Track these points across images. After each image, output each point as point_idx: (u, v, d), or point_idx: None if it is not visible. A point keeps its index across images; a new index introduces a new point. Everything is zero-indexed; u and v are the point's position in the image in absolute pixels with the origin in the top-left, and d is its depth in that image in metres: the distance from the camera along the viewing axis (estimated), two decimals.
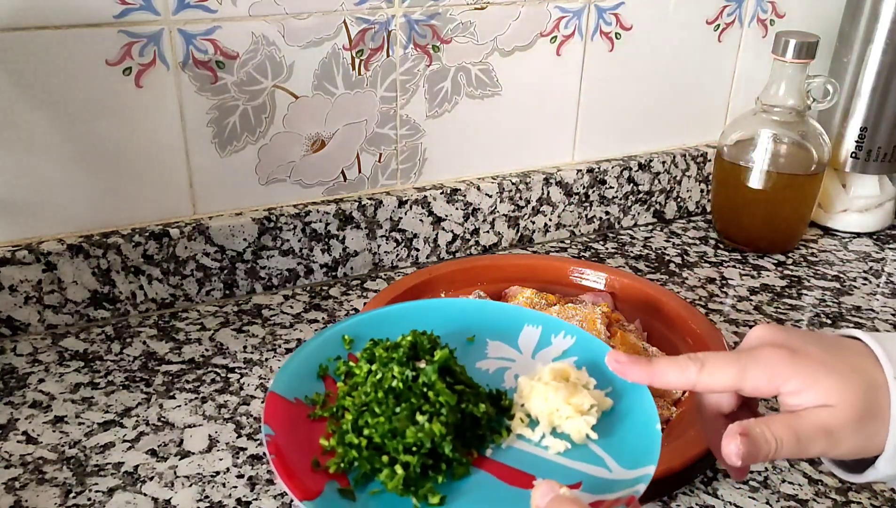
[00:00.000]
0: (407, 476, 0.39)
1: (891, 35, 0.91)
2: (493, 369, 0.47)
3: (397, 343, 0.44)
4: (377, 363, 0.43)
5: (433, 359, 0.43)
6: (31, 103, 0.69)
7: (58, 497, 0.56)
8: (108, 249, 0.74)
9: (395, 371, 0.42)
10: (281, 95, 0.77)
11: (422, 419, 0.40)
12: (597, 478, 0.40)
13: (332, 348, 0.46)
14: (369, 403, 0.41)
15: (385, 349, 0.44)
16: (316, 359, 0.45)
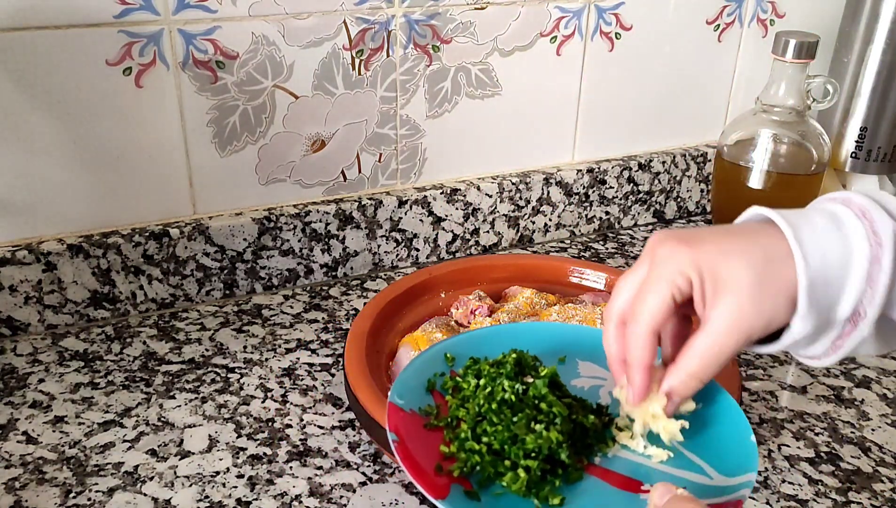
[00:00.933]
0: (529, 479, 0.43)
1: (891, 35, 0.91)
2: (588, 386, 0.50)
3: (501, 361, 0.48)
4: (485, 378, 0.47)
5: (539, 375, 0.47)
6: (32, 103, 0.69)
7: (58, 497, 0.56)
8: (108, 249, 0.74)
9: (505, 385, 0.46)
10: (281, 95, 0.77)
11: (539, 428, 0.44)
12: (699, 484, 0.44)
13: (436, 364, 0.50)
14: (485, 413, 0.45)
15: (490, 366, 0.48)
16: (423, 374, 0.49)
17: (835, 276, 0.41)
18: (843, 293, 0.41)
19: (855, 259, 0.41)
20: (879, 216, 0.41)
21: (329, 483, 0.58)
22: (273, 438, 0.63)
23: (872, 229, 0.41)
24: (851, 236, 0.41)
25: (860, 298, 0.41)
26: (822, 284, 0.41)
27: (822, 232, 0.42)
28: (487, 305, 0.71)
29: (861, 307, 0.41)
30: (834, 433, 0.65)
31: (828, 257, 0.41)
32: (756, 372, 0.72)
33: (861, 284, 0.41)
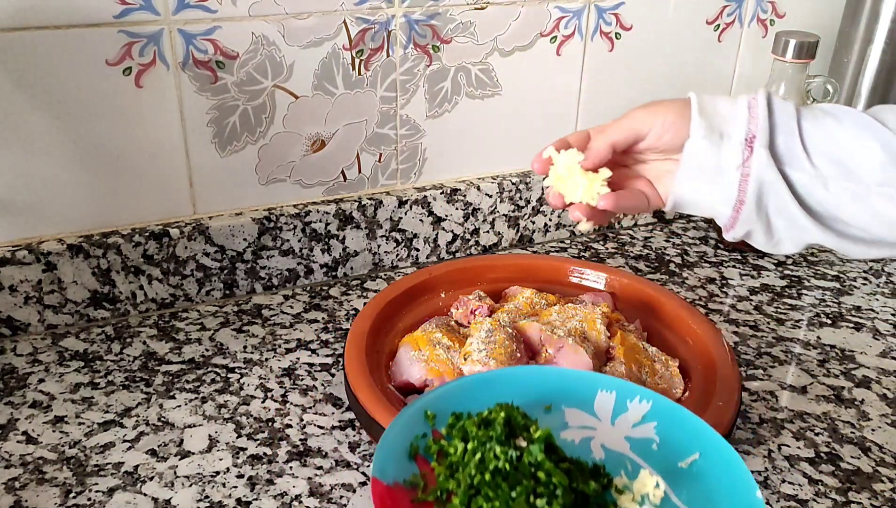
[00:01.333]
0: None
1: (891, 35, 0.91)
2: (579, 439, 0.47)
3: (489, 419, 0.44)
4: (473, 441, 0.43)
5: (531, 435, 0.43)
6: (32, 103, 0.69)
7: (58, 497, 0.56)
8: (108, 249, 0.74)
9: (497, 451, 0.42)
10: (281, 95, 0.77)
11: (540, 503, 0.40)
12: None
13: (416, 425, 0.46)
14: (478, 486, 0.41)
15: (477, 426, 0.44)
16: (404, 438, 0.45)
17: (722, 107, 0.53)
18: (732, 118, 0.53)
19: (738, 102, 0.53)
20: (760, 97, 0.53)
21: (329, 483, 0.58)
22: (273, 438, 0.63)
23: (753, 99, 0.53)
24: (738, 98, 0.54)
25: (747, 124, 0.52)
26: (710, 106, 0.53)
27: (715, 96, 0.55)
28: (487, 305, 0.71)
29: (749, 132, 0.52)
30: (834, 433, 0.65)
31: (716, 98, 0.54)
32: (756, 372, 0.72)
33: (744, 112, 0.52)
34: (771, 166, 0.52)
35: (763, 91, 0.53)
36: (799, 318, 0.81)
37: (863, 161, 0.51)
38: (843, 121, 0.52)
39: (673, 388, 0.64)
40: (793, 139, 0.52)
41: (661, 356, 0.67)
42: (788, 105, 0.53)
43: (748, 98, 0.53)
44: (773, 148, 0.52)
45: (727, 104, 0.54)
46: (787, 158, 0.52)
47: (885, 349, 0.77)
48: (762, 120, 0.52)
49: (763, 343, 0.77)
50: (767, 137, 0.52)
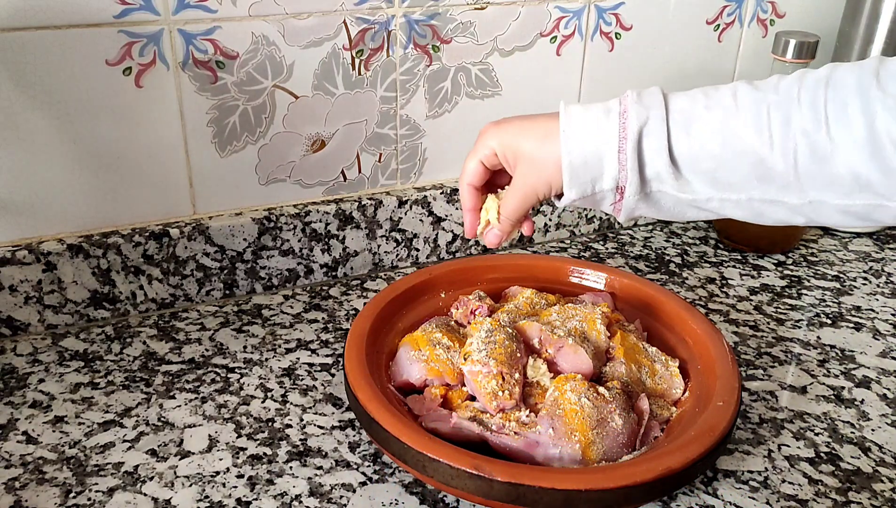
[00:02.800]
0: None
1: (891, 35, 0.91)
2: None
3: None
4: None
5: None
6: (31, 103, 0.69)
7: (58, 497, 0.56)
8: (108, 249, 0.74)
9: None
10: (281, 95, 0.77)
11: None
12: None
13: None
14: None
15: None
16: None
17: (592, 159, 0.53)
18: (603, 172, 0.53)
19: (607, 147, 0.53)
20: (632, 115, 0.52)
21: (329, 483, 0.58)
22: (273, 438, 0.63)
23: (623, 126, 0.52)
24: (607, 128, 0.53)
25: (617, 176, 0.53)
26: (580, 165, 0.53)
27: (588, 124, 0.53)
28: (487, 305, 0.71)
29: (621, 183, 0.53)
30: (834, 433, 0.65)
31: (585, 143, 0.53)
32: (756, 372, 0.72)
33: (614, 166, 0.53)
34: (640, 205, 0.54)
35: (635, 119, 0.52)
36: (799, 318, 0.81)
37: (737, 177, 0.51)
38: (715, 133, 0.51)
39: (673, 388, 0.64)
40: (664, 170, 0.52)
41: (661, 356, 0.67)
42: (659, 131, 0.52)
43: (618, 143, 0.52)
44: (644, 178, 0.53)
45: (595, 152, 0.53)
46: (659, 183, 0.53)
47: (885, 349, 0.77)
48: (632, 170, 0.52)
49: (763, 343, 0.77)
50: (638, 182, 0.53)
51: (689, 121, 0.52)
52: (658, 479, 0.52)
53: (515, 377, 0.60)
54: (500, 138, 0.58)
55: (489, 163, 0.59)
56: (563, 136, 0.54)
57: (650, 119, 0.52)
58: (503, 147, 0.58)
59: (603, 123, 0.53)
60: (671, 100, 0.53)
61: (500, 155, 0.58)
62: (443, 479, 0.53)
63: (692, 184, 0.52)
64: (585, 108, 0.54)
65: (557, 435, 0.56)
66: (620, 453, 0.57)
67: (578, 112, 0.54)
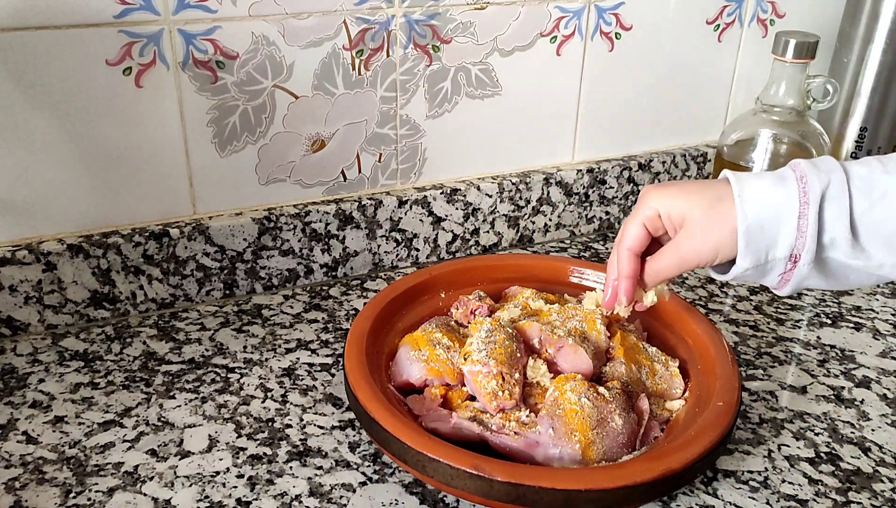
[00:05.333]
0: None
1: (891, 35, 0.91)
2: None
3: None
4: None
5: None
6: (31, 103, 0.69)
7: (58, 497, 0.56)
8: (108, 249, 0.74)
9: None
10: (281, 95, 0.77)
11: None
12: None
13: None
14: None
15: None
16: None
17: (769, 225, 0.51)
18: (779, 239, 0.51)
19: (787, 212, 0.51)
20: (813, 179, 0.51)
21: (329, 483, 0.58)
22: (273, 438, 0.63)
23: (804, 190, 0.51)
24: (787, 195, 0.51)
25: (793, 244, 0.51)
26: (757, 229, 0.51)
27: (763, 189, 0.52)
28: (487, 305, 0.71)
29: (796, 251, 0.51)
30: (834, 433, 0.65)
31: (763, 208, 0.51)
32: (756, 372, 0.72)
33: (792, 232, 0.51)
34: (811, 274, 0.52)
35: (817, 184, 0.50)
36: (799, 318, 0.81)
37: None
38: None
39: (673, 388, 0.64)
40: (842, 236, 0.50)
41: (661, 356, 0.67)
42: (841, 197, 0.50)
43: (799, 208, 0.50)
44: (820, 247, 0.51)
45: (774, 216, 0.51)
46: (834, 250, 0.51)
47: (885, 349, 0.77)
48: (810, 241, 0.50)
49: (763, 343, 0.77)
50: (813, 254, 0.51)
51: (871, 186, 0.50)
52: (658, 479, 0.52)
53: (515, 377, 0.60)
54: (665, 199, 0.55)
55: (652, 226, 0.56)
56: (738, 199, 0.52)
57: (832, 183, 0.50)
58: (669, 208, 0.55)
59: (780, 188, 0.51)
60: (847, 166, 0.51)
61: (665, 216, 0.55)
62: (443, 479, 0.53)
63: (867, 250, 0.51)
64: (756, 174, 0.53)
65: (557, 435, 0.56)
66: (620, 453, 0.57)
67: (749, 177, 0.53)
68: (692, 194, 0.54)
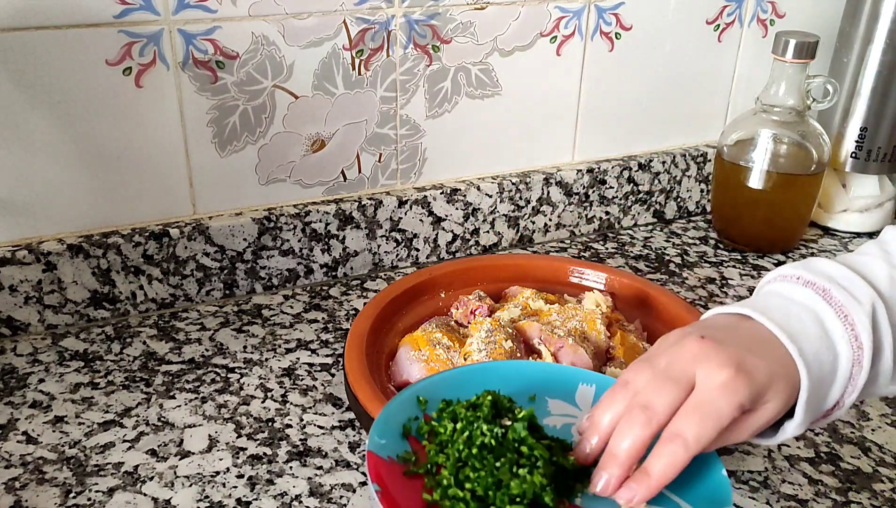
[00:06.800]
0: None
1: (891, 35, 0.90)
2: (560, 424, 0.50)
3: (476, 403, 0.47)
4: (462, 421, 0.46)
5: (517, 416, 0.46)
6: (31, 103, 0.69)
7: (58, 497, 0.56)
8: (108, 249, 0.74)
9: (483, 429, 0.45)
10: (281, 95, 0.77)
11: (522, 472, 0.43)
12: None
13: (409, 408, 0.49)
14: (465, 459, 0.44)
15: (466, 409, 0.47)
16: (398, 419, 0.48)
17: (826, 380, 0.46)
18: (831, 392, 0.46)
19: (841, 363, 0.46)
20: (856, 312, 0.46)
21: (329, 483, 0.58)
22: (273, 438, 0.63)
23: (854, 333, 0.45)
24: (837, 341, 0.46)
25: (842, 393, 0.46)
26: (815, 388, 0.45)
27: (816, 342, 0.45)
28: (487, 305, 0.71)
29: (841, 400, 0.47)
30: (834, 433, 0.65)
31: (823, 367, 0.45)
32: None
33: (844, 383, 0.46)
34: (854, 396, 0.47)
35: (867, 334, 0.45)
36: None
37: None
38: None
39: None
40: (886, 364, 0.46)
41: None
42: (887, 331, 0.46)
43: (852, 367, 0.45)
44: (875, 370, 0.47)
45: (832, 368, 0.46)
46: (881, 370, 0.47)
47: None
48: (857, 391, 0.46)
49: None
50: (861, 388, 0.46)
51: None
52: None
53: None
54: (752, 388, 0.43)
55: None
56: (802, 369, 0.44)
57: (876, 309, 0.47)
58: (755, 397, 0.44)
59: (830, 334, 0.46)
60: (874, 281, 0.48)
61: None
62: None
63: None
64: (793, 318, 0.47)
65: None
66: None
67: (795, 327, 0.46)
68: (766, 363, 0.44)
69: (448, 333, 0.66)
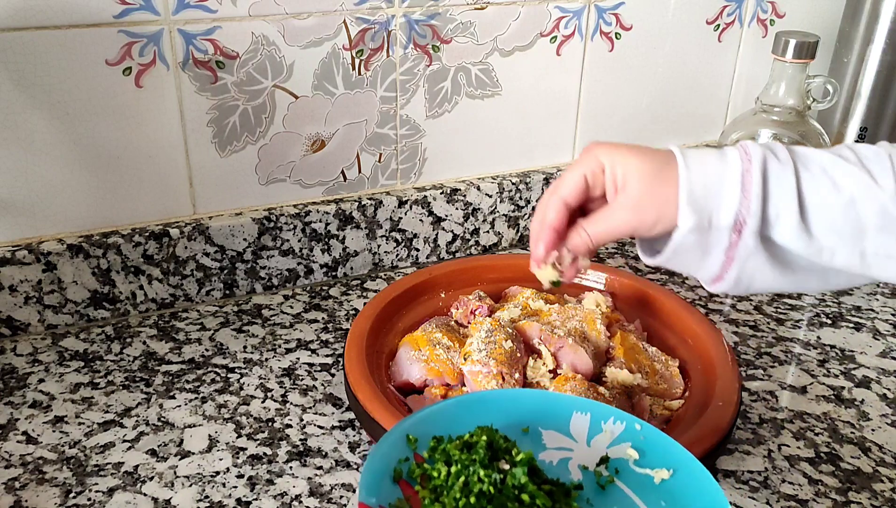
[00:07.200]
0: None
1: (891, 35, 0.91)
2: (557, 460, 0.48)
3: (470, 443, 0.44)
4: (456, 465, 0.43)
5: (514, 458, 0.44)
6: (31, 103, 0.69)
7: (58, 497, 0.56)
8: (108, 249, 0.74)
9: (481, 474, 0.42)
10: (281, 95, 0.77)
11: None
12: None
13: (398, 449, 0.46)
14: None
15: (459, 450, 0.44)
16: (387, 463, 0.45)
17: (712, 184, 0.49)
18: (722, 200, 0.48)
19: (729, 172, 0.49)
20: (755, 149, 0.49)
21: (329, 483, 0.58)
22: (273, 438, 0.63)
23: (745, 152, 0.49)
24: (729, 158, 0.49)
25: (738, 207, 0.48)
26: (700, 187, 0.49)
27: (705, 155, 0.50)
28: (487, 305, 0.71)
29: (741, 216, 0.48)
30: (834, 433, 0.65)
31: (706, 169, 0.49)
32: (756, 372, 0.72)
33: (736, 192, 0.48)
34: (757, 252, 0.49)
35: (759, 150, 0.49)
36: (799, 318, 0.81)
37: (858, 225, 0.48)
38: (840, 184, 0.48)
39: (673, 388, 0.64)
40: (790, 208, 0.48)
41: (661, 356, 0.67)
42: (787, 171, 0.48)
43: (742, 166, 0.48)
44: (765, 221, 0.49)
45: (717, 178, 0.49)
46: (781, 226, 0.49)
47: (885, 349, 0.77)
48: (755, 203, 0.48)
49: (763, 343, 0.77)
50: (759, 221, 0.48)
51: (811, 161, 0.49)
52: None
53: (515, 377, 0.60)
54: (613, 155, 0.52)
55: (592, 180, 0.53)
56: (680, 161, 0.49)
57: (777, 152, 0.49)
58: (614, 164, 0.51)
59: (721, 155, 0.50)
60: (789, 146, 0.50)
61: (609, 172, 0.52)
62: None
63: (811, 229, 0.48)
64: (700, 149, 0.51)
65: None
66: None
67: (694, 149, 0.51)
68: (641, 155, 0.51)
69: (448, 333, 0.66)
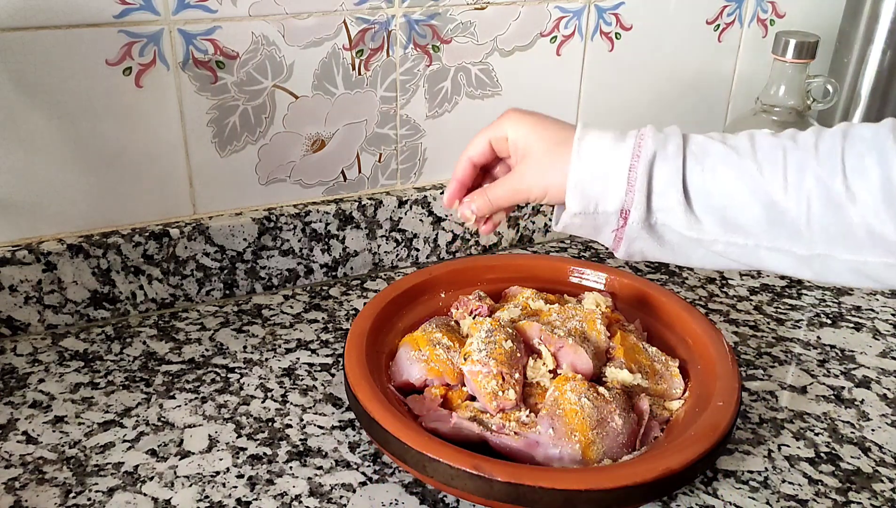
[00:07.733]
0: None
1: (891, 35, 0.91)
2: None
3: None
4: None
5: None
6: (31, 103, 0.69)
7: (58, 497, 0.56)
8: (108, 249, 0.74)
9: None
10: (281, 95, 0.77)
11: None
12: None
13: None
14: None
15: None
16: None
17: (600, 176, 0.52)
18: (608, 191, 0.52)
19: (617, 166, 0.52)
20: (649, 139, 0.52)
21: (329, 483, 0.58)
22: (273, 438, 0.63)
23: (638, 144, 0.52)
24: (621, 150, 0.52)
25: (623, 198, 0.52)
26: (588, 176, 0.52)
27: (602, 141, 0.53)
28: (487, 305, 0.71)
29: (626, 206, 0.52)
30: (834, 433, 0.65)
31: (597, 159, 0.52)
32: (756, 372, 0.72)
33: (622, 185, 0.51)
34: (644, 235, 0.52)
35: (651, 144, 0.51)
36: (799, 318, 0.81)
37: (747, 218, 0.50)
38: (730, 169, 0.50)
39: (673, 388, 0.64)
40: (674, 200, 0.51)
41: (661, 356, 0.67)
42: (673, 166, 0.51)
43: (630, 162, 0.51)
44: (650, 211, 0.51)
45: (604, 171, 0.52)
46: (666, 215, 0.51)
47: (885, 349, 0.77)
48: (639, 196, 0.51)
49: (763, 343, 0.77)
50: (644, 211, 0.51)
51: (706, 154, 0.51)
52: (658, 479, 0.52)
53: (515, 377, 0.60)
54: (518, 128, 0.57)
55: (497, 146, 0.59)
56: (575, 145, 0.53)
57: (668, 145, 0.51)
58: (517, 136, 0.57)
59: (618, 143, 0.52)
60: (689, 135, 0.52)
61: (512, 143, 0.57)
62: (443, 479, 0.53)
63: (701, 221, 0.51)
64: (603, 129, 0.54)
65: (557, 435, 0.56)
66: (620, 453, 0.57)
67: (595, 131, 0.54)
68: (544, 130, 0.56)
69: (448, 333, 0.66)
